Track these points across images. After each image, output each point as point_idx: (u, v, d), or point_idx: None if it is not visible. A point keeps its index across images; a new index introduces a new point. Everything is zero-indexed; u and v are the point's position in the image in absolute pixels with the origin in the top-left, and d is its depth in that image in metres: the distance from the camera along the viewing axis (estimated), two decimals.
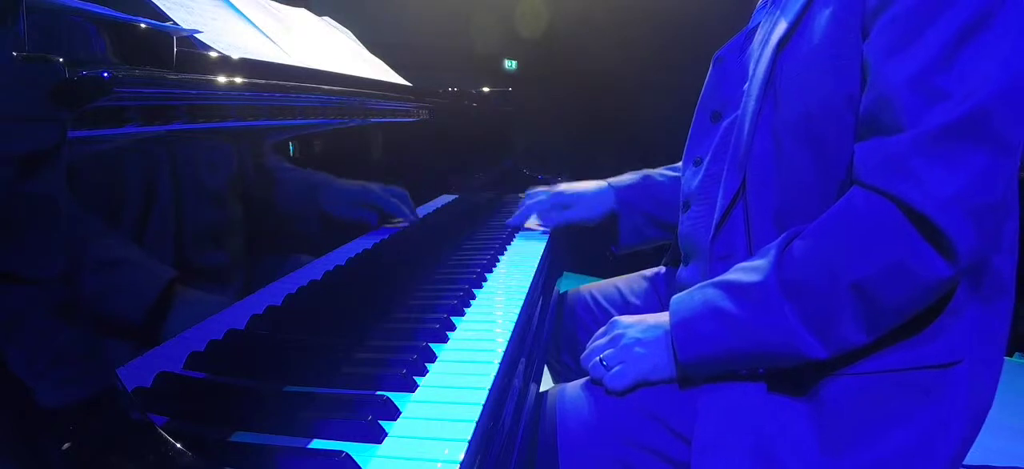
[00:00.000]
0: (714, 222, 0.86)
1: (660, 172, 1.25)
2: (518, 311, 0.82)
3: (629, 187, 1.23)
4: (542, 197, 1.29)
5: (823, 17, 0.77)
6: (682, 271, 0.98)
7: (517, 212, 1.32)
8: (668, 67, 3.15)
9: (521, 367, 0.74)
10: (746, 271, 0.77)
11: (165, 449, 0.42)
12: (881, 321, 0.71)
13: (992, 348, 0.77)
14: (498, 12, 3.50)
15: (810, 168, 0.78)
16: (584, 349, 0.89)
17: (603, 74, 3.43)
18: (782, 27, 0.81)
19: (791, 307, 0.72)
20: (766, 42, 0.84)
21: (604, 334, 0.88)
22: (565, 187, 1.29)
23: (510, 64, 3.66)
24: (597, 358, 0.84)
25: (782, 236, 0.76)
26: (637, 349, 0.82)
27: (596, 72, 3.45)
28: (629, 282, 1.22)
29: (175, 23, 0.72)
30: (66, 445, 0.38)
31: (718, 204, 0.86)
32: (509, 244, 1.21)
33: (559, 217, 1.25)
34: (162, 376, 0.53)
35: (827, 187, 0.78)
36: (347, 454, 0.46)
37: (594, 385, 0.84)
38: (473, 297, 0.87)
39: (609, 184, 1.24)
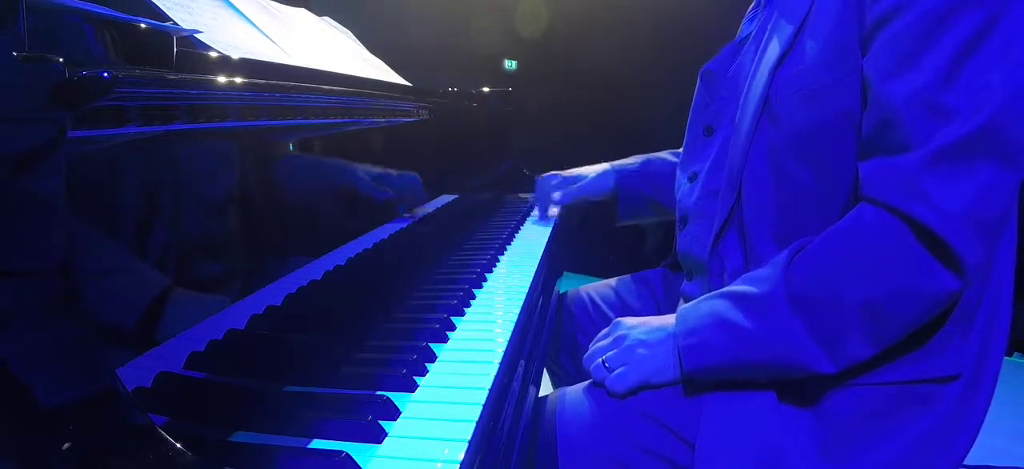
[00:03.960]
0: (711, 238, 0.86)
1: (662, 157, 1.30)
2: (518, 311, 0.82)
3: (630, 171, 1.31)
4: (553, 180, 1.40)
5: (819, 35, 0.77)
6: (686, 285, 0.99)
7: (534, 202, 1.44)
8: (668, 67, 3.15)
9: (521, 367, 0.74)
10: (753, 282, 0.77)
11: (165, 449, 0.42)
12: (888, 335, 0.72)
13: (990, 364, 0.77)
14: (498, 12, 3.50)
15: (809, 184, 0.78)
16: (583, 351, 0.89)
17: (603, 74, 3.43)
18: (778, 45, 0.81)
19: (799, 319, 0.72)
20: (760, 58, 0.84)
21: (607, 335, 0.88)
22: (571, 172, 1.38)
23: (510, 64, 3.66)
24: (599, 359, 0.84)
25: (789, 248, 0.76)
26: (640, 351, 0.82)
27: (596, 72, 3.45)
28: (627, 284, 1.22)
29: (175, 23, 0.72)
30: (66, 445, 0.38)
31: (715, 220, 0.86)
32: (509, 244, 1.21)
33: (571, 193, 1.35)
34: (162, 376, 0.53)
35: (827, 203, 0.78)
36: (347, 454, 0.46)
37: (595, 388, 0.84)
38: (473, 297, 0.87)
39: (611, 166, 1.33)
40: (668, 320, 0.83)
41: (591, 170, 1.35)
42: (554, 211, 1.41)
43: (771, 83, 0.80)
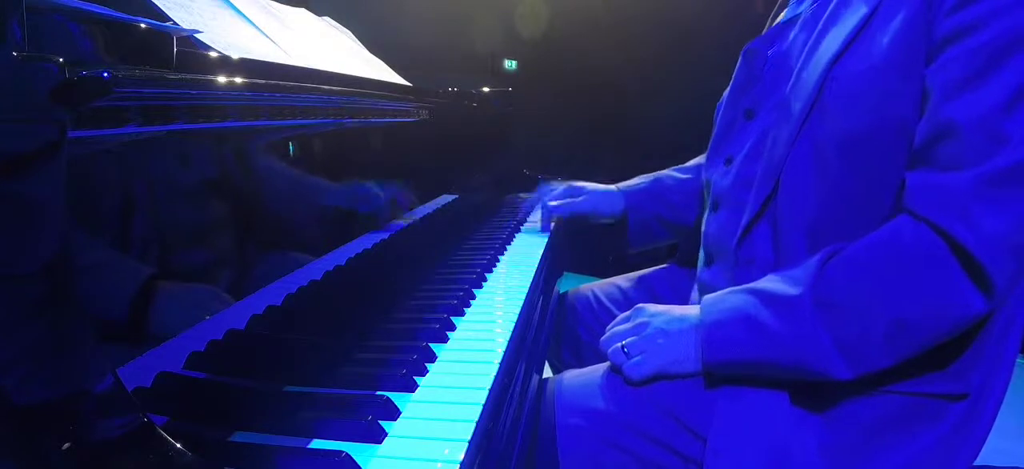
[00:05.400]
0: (742, 226, 0.85)
1: (669, 175, 1.25)
2: (518, 311, 0.82)
3: (638, 190, 1.25)
4: (557, 189, 1.32)
5: (885, 36, 0.75)
6: (704, 272, 0.98)
7: (533, 199, 1.37)
8: (668, 67, 3.16)
9: (521, 367, 0.74)
10: (782, 282, 0.76)
11: (165, 449, 0.42)
12: (910, 349, 0.72)
13: (998, 382, 0.77)
14: (498, 12, 3.50)
15: (852, 185, 0.77)
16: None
17: (603, 74, 3.43)
18: (837, 39, 0.79)
19: (824, 325, 0.72)
20: (814, 46, 0.82)
21: (628, 320, 0.87)
22: (578, 184, 1.31)
23: (510, 64, 3.66)
24: (618, 344, 0.84)
25: (822, 252, 0.76)
26: (660, 340, 0.82)
27: (596, 72, 3.45)
28: (630, 281, 1.22)
29: (175, 23, 0.72)
30: (66, 445, 0.38)
31: (748, 208, 0.85)
32: (509, 244, 1.21)
33: (570, 207, 1.28)
34: (162, 376, 0.53)
35: (867, 206, 0.77)
36: (347, 454, 0.46)
37: (610, 374, 0.84)
38: (473, 297, 0.87)
39: (619, 188, 1.27)
40: (691, 310, 0.83)
41: (599, 188, 1.29)
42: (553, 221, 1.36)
43: (827, 78, 0.78)
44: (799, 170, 0.80)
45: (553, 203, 1.30)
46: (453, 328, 0.76)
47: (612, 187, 1.28)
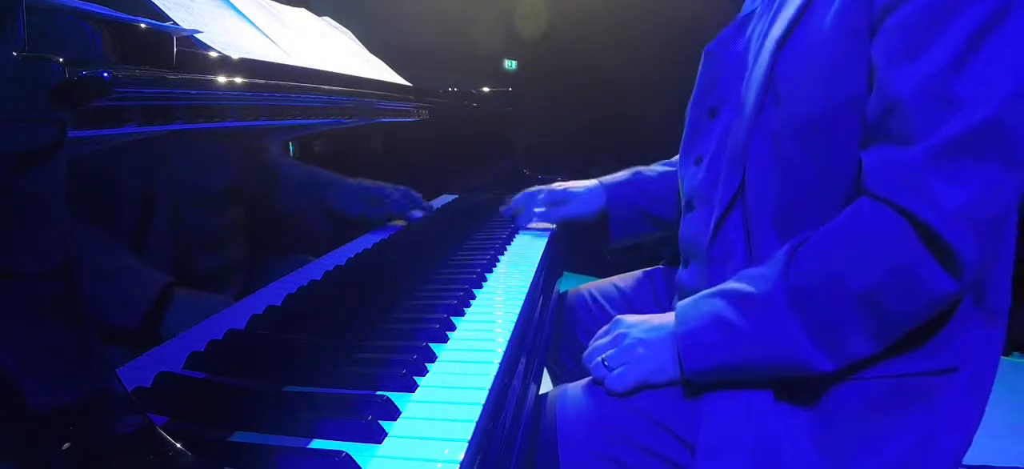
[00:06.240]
0: (713, 223, 0.85)
1: (652, 168, 1.25)
2: (518, 311, 0.82)
3: (619, 184, 1.24)
4: (539, 194, 1.32)
5: (826, 15, 0.75)
6: (682, 273, 0.97)
7: (512, 205, 1.35)
8: (668, 67, 3.15)
9: (521, 367, 0.74)
10: (752, 280, 0.76)
11: (165, 449, 0.42)
12: (887, 332, 0.71)
13: (989, 358, 0.77)
14: (498, 12, 3.50)
15: (810, 168, 0.77)
16: (584, 349, 0.89)
17: (603, 74, 3.43)
18: (782, 24, 0.79)
19: (796, 319, 0.72)
20: (764, 36, 0.82)
21: (607, 333, 0.87)
22: (559, 185, 1.31)
23: (510, 64, 3.66)
24: (599, 358, 0.84)
25: (788, 244, 0.75)
26: (640, 350, 0.82)
27: (596, 72, 3.45)
28: (628, 281, 1.21)
29: (175, 23, 0.72)
30: (66, 445, 0.38)
31: (717, 205, 0.85)
32: (509, 244, 1.21)
33: (555, 213, 1.28)
34: (162, 376, 0.53)
35: (828, 188, 0.77)
36: (347, 454, 0.46)
37: (595, 387, 0.84)
38: (473, 297, 0.87)
39: (600, 182, 1.26)
40: (668, 318, 0.83)
41: (580, 185, 1.28)
42: (542, 226, 1.35)
43: (775, 63, 0.78)
44: (760, 161, 0.80)
45: (539, 211, 1.30)
46: (453, 328, 0.76)
47: (594, 182, 1.26)
